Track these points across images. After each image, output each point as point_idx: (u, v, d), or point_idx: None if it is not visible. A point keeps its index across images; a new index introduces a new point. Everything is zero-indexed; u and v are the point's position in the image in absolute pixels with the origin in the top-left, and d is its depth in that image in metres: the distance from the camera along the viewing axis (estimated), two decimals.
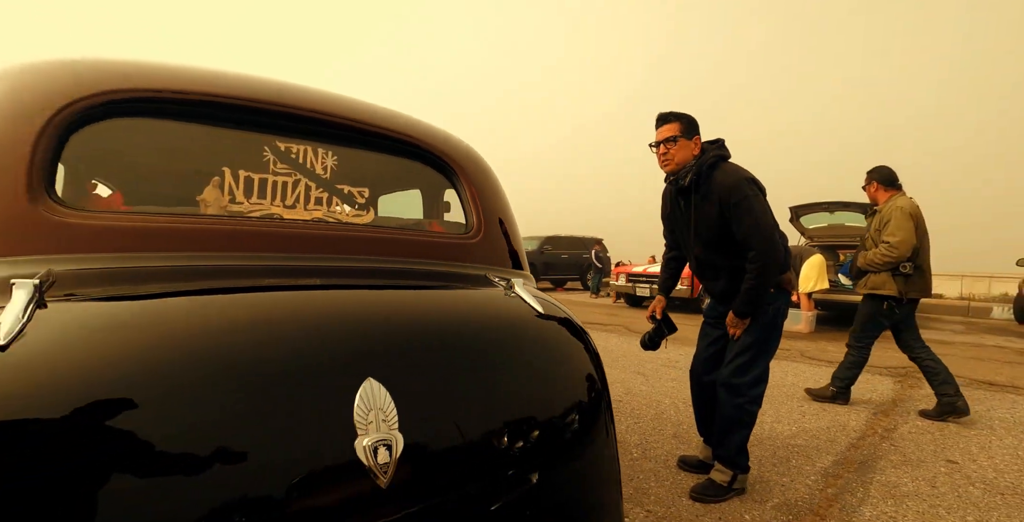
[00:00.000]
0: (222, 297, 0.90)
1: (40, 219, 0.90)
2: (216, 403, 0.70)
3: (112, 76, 1.04)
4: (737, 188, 2.29)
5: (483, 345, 1.03)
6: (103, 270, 0.89)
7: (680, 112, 2.46)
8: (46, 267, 0.82)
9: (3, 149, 0.91)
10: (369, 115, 1.33)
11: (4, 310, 0.70)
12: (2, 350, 0.64)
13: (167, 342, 0.74)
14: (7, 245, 0.87)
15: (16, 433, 0.59)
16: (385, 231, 1.28)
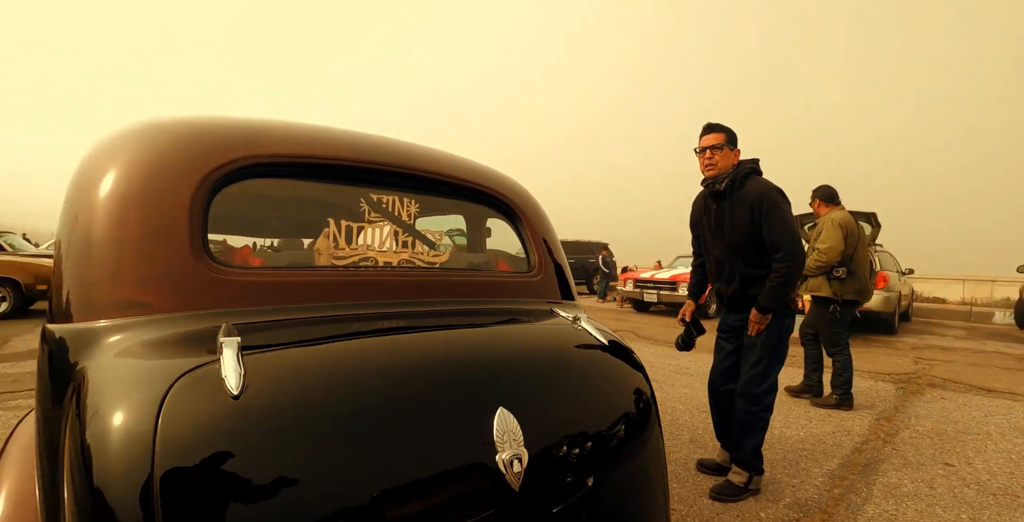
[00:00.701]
0: (373, 340, 1.11)
1: (204, 276, 1.08)
2: (395, 427, 0.92)
3: (246, 141, 1.23)
4: (770, 195, 2.57)
5: (567, 372, 1.25)
6: (269, 322, 1.07)
7: (722, 125, 2.76)
8: (219, 321, 0.98)
9: (166, 211, 1.08)
10: (447, 166, 1.58)
11: (223, 365, 0.81)
12: (236, 399, 0.78)
13: (349, 380, 0.96)
14: (183, 301, 1.04)
15: (270, 462, 0.78)
16: (470, 274, 1.52)
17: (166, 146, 1.15)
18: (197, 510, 0.70)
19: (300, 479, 0.77)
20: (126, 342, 0.91)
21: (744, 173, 2.67)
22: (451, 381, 1.04)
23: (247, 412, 0.78)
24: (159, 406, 0.73)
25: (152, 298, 1.00)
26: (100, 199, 1.07)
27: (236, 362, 0.80)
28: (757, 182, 2.63)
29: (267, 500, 0.75)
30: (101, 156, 1.17)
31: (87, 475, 0.72)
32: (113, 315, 0.97)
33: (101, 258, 1.01)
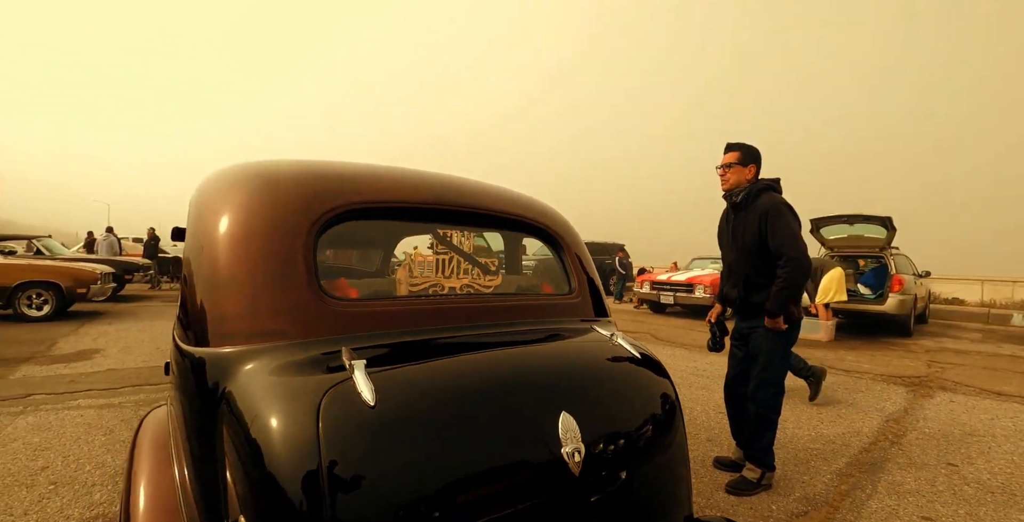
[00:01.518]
0: (464, 358, 1.33)
1: (321, 307, 1.31)
2: (489, 426, 1.17)
3: (347, 189, 1.48)
4: (776, 207, 2.84)
5: (609, 381, 1.49)
6: (378, 346, 1.29)
7: (743, 144, 3.05)
8: (337, 346, 1.21)
9: (288, 251, 1.32)
10: (500, 202, 1.84)
11: (356, 382, 1.02)
12: (373, 408, 1.00)
13: (452, 390, 1.19)
14: (308, 329, 1.27)
15: (403, 454, 1.03)
16: (522, 298, 1.77)
17: (282, 192, 1.40)
18: (353, 490, 0.95)
19: (425, 466, 1.03)
20: (272, 363, 1.15)
21: (760, 188, 2.93)
22: (525, 390, 1.29)
23: (382, 418, 1.02)
24: (317, 413, 0.98)
25: (283, 327, 1.24)
26: (227, 237, 1.32)
27: (366, 379, 1.04)
28: (770, 197, 2.88)
29: (403, 482, 1.00)
30: (224, 196, 1.43)
31: (260, 467, 0.96)
32: (252, 341, 1.21)
33: (236, 293, 1.26)
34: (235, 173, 1.54)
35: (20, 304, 8.46)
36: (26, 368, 5.26)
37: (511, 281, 1.96)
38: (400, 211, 1.59)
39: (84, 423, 3.70)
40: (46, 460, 3.02)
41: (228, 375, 1.16)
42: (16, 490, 2.65)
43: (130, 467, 1.47)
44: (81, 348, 6.34)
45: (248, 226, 1.33)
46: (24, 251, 13.64)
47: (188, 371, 1.31)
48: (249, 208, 1.36)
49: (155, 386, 4.72)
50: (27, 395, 4.33)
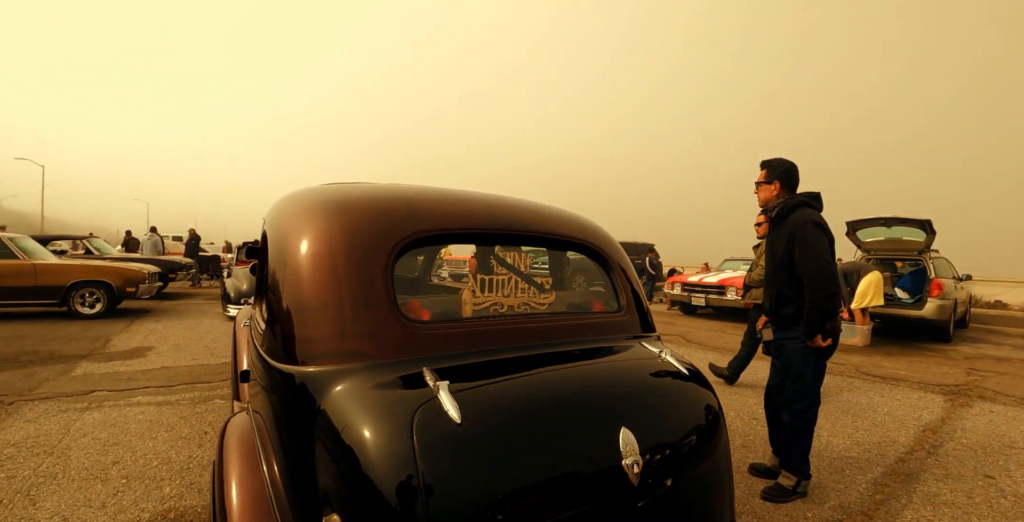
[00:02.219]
0: (533, 376, 1.45)
1: (400, 330, 1.43)
2: (560, 439, 1.29)
3: (420, 217, 1.62)
4: (803, 228, 2.89)
5: (660, 396, 1.61)
6: (455, 366, 1.40)
7: (771, 161, 3.15)
8: (417, 366, 1.33)
9: (370, 277, 1.45)
10: (554, 223, 1.97)
11: (442, 401, 1.14)
12: (459, 425, 1.12)
13: (526, 407, 1.32)
14: (390, 350, 1.39)
15: (488, 463, 1.16)
16: (575, 317, 1.89)
17: (361, 220, 1.54)
18: (445, 496, 1.08)
19: (504, 475, 1.16)
20: (362, 382, 1.29)
21: (794, 203, 2.99)
22: (588, 406, 1.41)
23: (467, 433, 1.15)
24: (411, 430, 1.11)
25: (368, 349, 1.38)
26: (311, 262, 1.46)
27: (451, 398, 1.17)
28: (802, 214, 2.94)
29: (486, 490, 1.13)
30: (305, 221, 1.57)
31: (358, 475, 1.10)
32: (340, 362, 1.35)
33: (324, 317, 1.40)
34: (314, 198, 1.67)
35: (74, 302, 8.86)
36: (86, 365, 5.55)
37: (562, 298, 2.07)
38: (464, 236, 1.72)
39: (146, 420, 3.92)
40: (116, 455, 3.23)
41: (321, 392, 1.29)
42: (92, 484, 2.85)
43: (221, 468, 1.61)
44: (134, 346, 6.64)
45: (331, 252, 1.46)
46: (71, 250, 14.21)
47: (279, 386, 1.45)
48: (330, 235, 1.49)
49: (207, 384, 4.95)
50: (90, 391, 4.58)
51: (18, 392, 4.49)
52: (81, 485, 2.83)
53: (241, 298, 9.21)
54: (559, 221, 1.99)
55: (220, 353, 6.36)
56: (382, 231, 1.53)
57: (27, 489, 2.76)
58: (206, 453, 3.32)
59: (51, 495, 2.71)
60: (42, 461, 3.11)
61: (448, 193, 1.84)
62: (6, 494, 2.70)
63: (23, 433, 3.55)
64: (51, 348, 6.33)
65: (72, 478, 2.91)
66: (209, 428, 3.78)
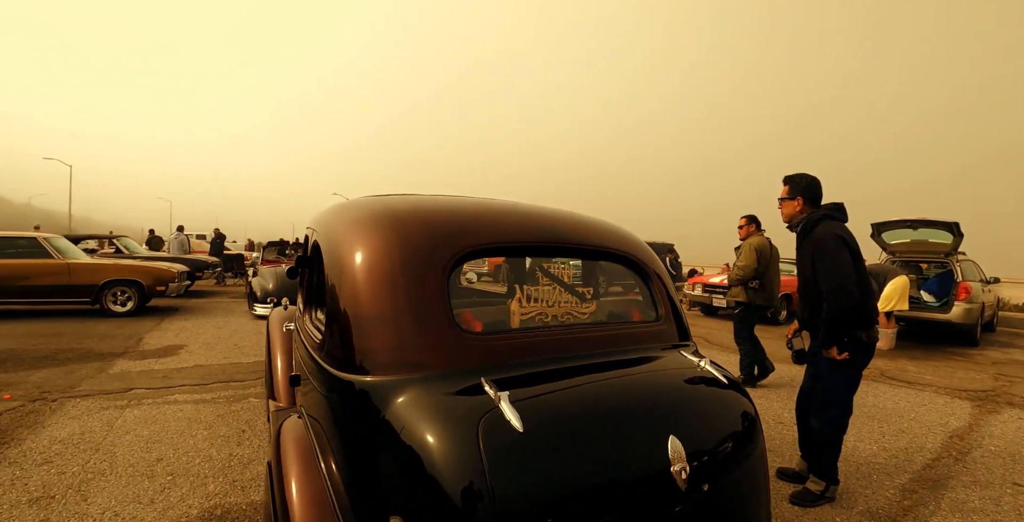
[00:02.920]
0: (584, 387, 1.51)
1: (457, 341, 1.50)
2: (614, 446, 1.35)
3: (472, 232, 1.69)
4: (824, 242, 2.93)
5: (703, 404, 1.67)
6: (512, 377, 1.46)
7: (793, 176, 3.20)
8: (476, 376, 1.39)
9: (428, 290, 1.51)
10: (596, 235, 2.04)
11: (504, 411, 1.21)
12: (522, 434, 1.18)
13: (582, 416, 1.38)
14: (448, 361, 1.46)
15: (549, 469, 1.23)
16: (616, 327, 1.95)
17: (416, 234, 1.62)
18: (511, 500, 1.15)
19: (562, 480, 1.23)
20: (425, 392, 1.36)
21: (817, 218, 3.06)
22: (637, 414, 1.48)
23: (529, 441, 1.22)
24: (477, 438, 1.19)
25: (428, 360, 1.45)
26: (370, 275, 1.53)
27: (511, 408, 1.24)
28: (825, 227, 2.99)
29: (547, 494, 1.20)
30: (360, 234, 1.65)
31: (426, 480, 1.17)
32: (401, 372, 1.42)
33: (385, 329, 1.48)
34: (366, 212, 1.76)
35: (106, 300, 9.08)
36: (122, 363, 5.71)
37: (602, 307, 2.13)
38: (513, 249, 1.79)
39: (184, 417, 4.05)
40: (159, 452, 3.36)
41: (384, 401, 1.37)
42: (139, 480, 2.97)
43: (279, 470, 1.69)
44: (166, 344, 6.80)
45: (389, 267, 1.54)
46: (100, 249, 14.53)
47: (340, 394, 1.53)
48: (387, 249, 1.57)
49: (240, 383, 5.08)
50: (128, 389, 4.73)
51: (60, 389, 4.65)
52: (129, 481, 2.95)
53: (268, 297, 9.35)
54: (599, 232, 2.06)
55: (250, 352, 6.50)
56: (436, 245, 1.60)
57: (78, 485, 2.89)
58: (245, 451, 3.43)
59: (101, 491, 2.83)
60: (89, 457, 3.24)
61: (494, 206, 1.91)
62: (59, 490, 2.83)
63: (68, 430, 3.69)
64: (87, 346, 6.52)
65: (120, 474, 3.03)
66: (246, 427, 3.89)
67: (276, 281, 9.86)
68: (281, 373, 3.36)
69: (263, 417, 4.10)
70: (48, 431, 3.66)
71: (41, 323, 8.12)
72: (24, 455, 3.24)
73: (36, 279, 8.59)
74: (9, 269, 8.47)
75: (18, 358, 5.75)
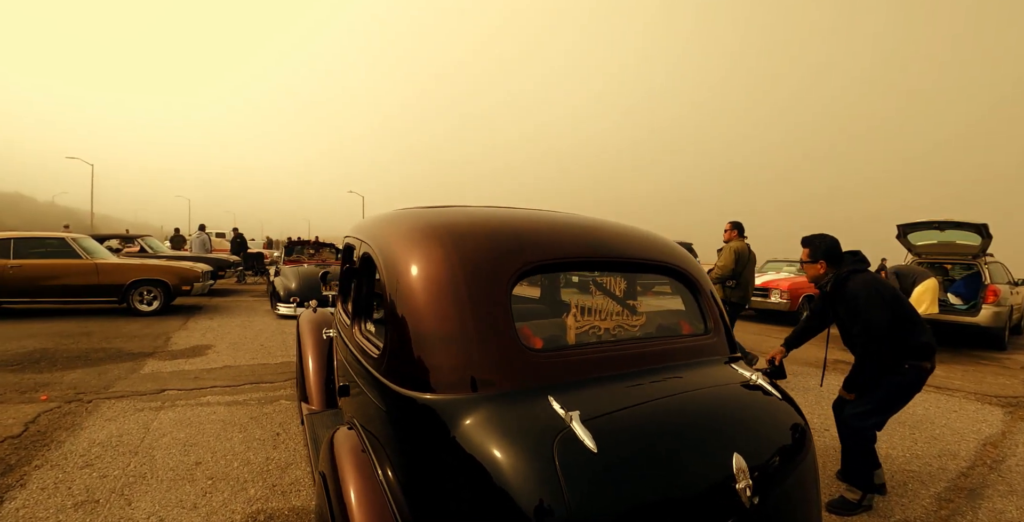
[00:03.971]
0: (649, 405, 1.51)
1: (522, 358, 1.50)
2: (680, 466, 1.37)
3: (532, 247, 1.71)
4: (855, 298, 3.04)
5: (762, 420, 1.68)
6: (576, 395, 1.46)
7: (813, 239, 3.28)
8: (543, 394, 1.40)
9: (493, 306, 1.51)
10: (647, 248, 2.05)
11: (576, 431, 1.22)
12: (596, 454, 1.19)
13: (650, 434, 1.40)
14: (516, 379, 1.46)
15: (624, 484, 1.26)
16: (671, 341, 1.95)
17: (477, 250, 1.63)
18: (588, 516, 1.17)
19: (636, 498, 1.25)
20: (495, 412, 1.37)
21: (844, 275, 3.13)
22: (701, 430, 1.50)
23: (603, 461, 1.24)
24: (553, 459, 1.20)
25: (494, 378, 1.46)
26: (433, 292, 1.54)
27: (583, 428, 1.25)
28: (854, 282, 3.07)
29: (623, 510, 1.22)
30: (420, 250, 1.65)
31: (502, 499, 1.19)
32: (467, 391, 1.43)
33: (450, 347, 1.49)
34: (423, 225, 1.77)
35: (133, 300, 9.22)
36: (152, 363, 5.80)
37: (651, 319, 2.13)
38: (571, 265, 1.81)
39: (219, 420, 4.10)
40: (197, 456, 3.41)
41: (452, 420, 1.38)
42: (181, 484, 3.02)
43: (337, 482, 1.69)
44: (194, 344, 6.89)
45: (453, 283, 1.55)
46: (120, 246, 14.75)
47: (402, 410, 1.55)
48: (450, 265, 1.58)
49: (270, 384, 5.14)
50: (161, 390, 4.80)
51: (95, 390, 4.73)
52: (171, 485, 3.00)
53: (291, 297, 9.43)
54: (651, 245, 2.08)
55: (276, 352, 6.57)
56: (499, 261, 1.61)
57: (120, 489, 2.94)
58: (282, 455, 3.47)
59: (144, 495, 2.88)
60: (129, 461, 3.30)
61: (550, 220, 1.93)
62: (102, 493, 2.88)
63: (106, 432, 3.76)
64: (117, 346, 6.62)
65: (160, 478, 3.08)
66: (280, 429, 3.94)
67: (299, 280, 9.93)
68: (315, 377, 3.40)
69: (296, 420, 4.15)
70: (86, 433, 3.73)
71: (71, 322, 8.26)
72: (65, 457, 3.31)
73: (66, 279, 8.75)
74: (40, 269, 8.63)
75: (51, 358, 5.86)
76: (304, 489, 3.00)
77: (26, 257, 8.62)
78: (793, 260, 13.14)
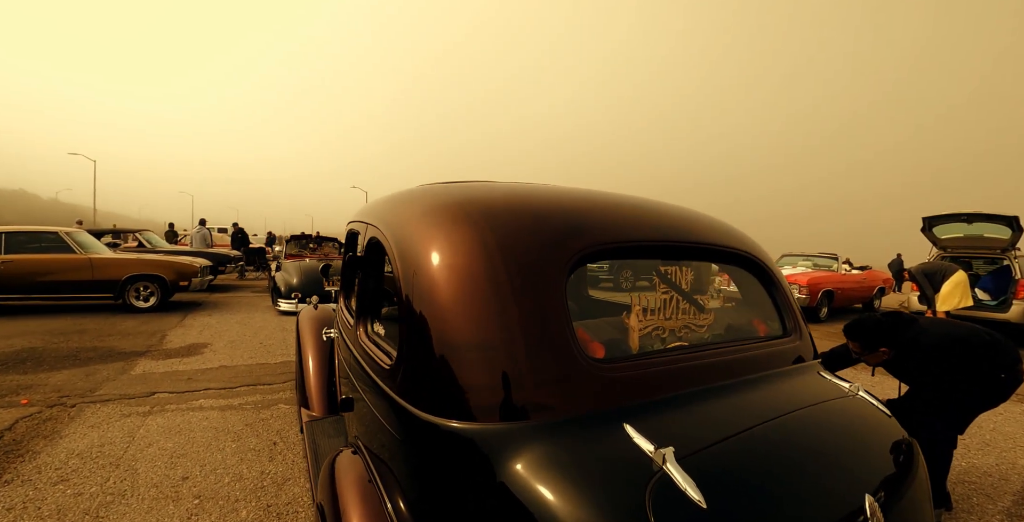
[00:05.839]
0: (753, 434, 1.17)
1: (586, 373, 1.12)
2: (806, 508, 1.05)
3: (591, 229, 1.33)
4: (917, 361, 2.72)
5: (880, 445, 1.36)
6: (660, 422, 1.11)
7: (859, 332, 2.78)
8: (617, 421, 1.04)
9: (544, 305, 1.13)
10: (717, 234, 1.69)
11: (675, 477, 0.89)
12: (704, 510, 0.87)
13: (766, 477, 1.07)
14: (580, 401, 1.09)
15: None
16: (750, 346, 1.60)
17: (520, 232, 1.23)
18: None
19: None
20: (560, 447, 1.02)
21: (912, 339, 2.74)
22: (820, 465, 1.18)
23: (715, 516, 0.90)
24: (646, 509, 0.86)
25: (554, 401, 1.09)
26: (465, 288, 1.15)
27: (681, 471, 0.90)
28: (925, 340, 2.73)
29: None
30: (444, 232, 1.25)
31: None
32: (519, 418, 1.06)
33: (489, 360, 1.10)
34: (450, 201, 1.37)
35: (129, 296, 8.89)
36: (144, 363, 5.46)
37: (720, 319, 1.77)
38: (635, 250, 1.44)
39: (211, 427, 3.76)
40: (185, 469, 3.06)
41: (498, 458, 1.02)
42: (164, 504, 2.67)
43: (335, 515, 1.34)
44: (190, 342, 6.56)
45: (492, 276, 1.16)
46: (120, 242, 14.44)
47: (425, 440, 1.17)
48: (486, 252, 1.19)
49: (268, 386, 4.80)
50: (151, 393, 4.47)
51: (80, 393, 4.40)
52: (152, 505, 2.65)
53: (292, 292, 9.13)
54: (719, 231, 1.72)
55: (276, 351, 6.24)
56: (549, 245, 1.23)
57: (96, 509, 2.59)
58: (278, 468, 3.12)
59: (121, 517, 2.53)
60: (109, 475, 2.96)
61: (603, 197, 1.55)
62: (74, 515, 2.54)
63: (87, 441, 3.42)
64: (109, 344, 6.29)
65: (142, 496, 2.73)
66: (278, 438, 3.59)
67: (301, 276, 9.64)
68: (315, 381, 3.07)
69: (295, 427, 3.81)
70: (65, 442, 3.39)
71: (66, 319, 7.93)
72: (39, 471, 2.97)
73: (59, 274, 8.41)
74: (32, 264, 8.29)
75: (39, 358, 5.52)
76: (303, 510, 2.65)
77: (17, 252, 8.29)
78: (808, 254, 12.76)
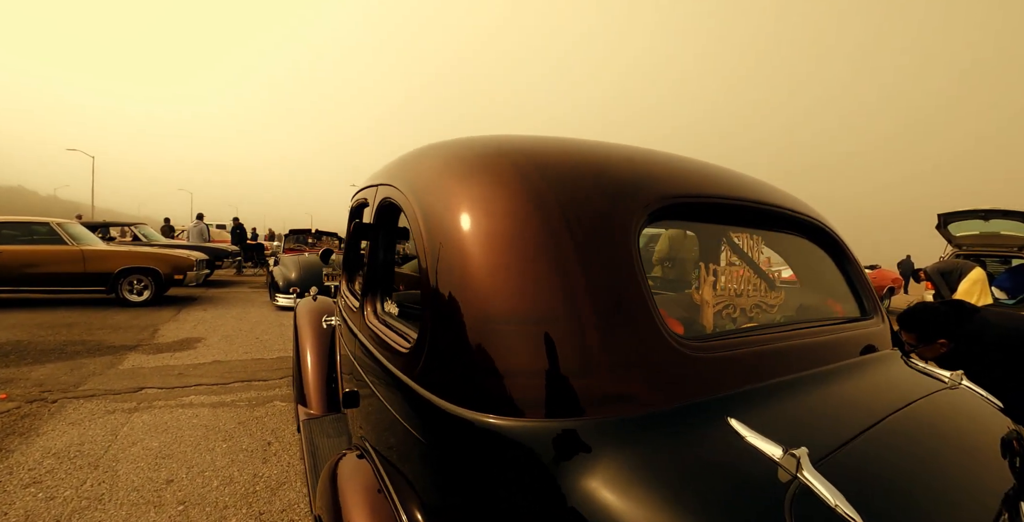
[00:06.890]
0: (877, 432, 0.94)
1: (674, 352, 0.88)
2: None
3: (665, 180, 1.08)
4: (1001, 344, 2.39)
5: (998, 443, 1.13)
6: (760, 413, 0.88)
7: (912, 321, 2.54)
8: (717, 415, 0.81)
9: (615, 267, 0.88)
10: (790, 199, 1.44)
11: (819, 490, 0.67)
12: None
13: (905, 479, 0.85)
14: (670, 390, 0.85)
15: None
16: (840, 329, 1.35)
17: (581, 183, 0.97)
18: None
19: None
20: (646, 448, 0.76)
21: (975, 331, 2.46)
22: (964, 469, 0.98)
23: None
24: None
25: (636, 389, 0.83)
26: (516, 251, 0.88)
27: (825, 482, 0.65)
28: (993, 331, 2.45)
29: None
30: (489, 187, 0.98)
31: None
32: (587, 412, 0.80)
33: (551, 336, 0.82)
34: (486, 151, 1.08)
35: (122, 289, 8.62)
36: (134, 357, 5.19)
37: (792, 297, 1.51)
38: (716, 207, 1.18)
39: (201, 425, 3.48)
40: (170, 471, 2.79)
41: (561, 466, 0.75)
42: (145, 510, 2.39)
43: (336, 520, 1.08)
44: (183, 336, 6.29)
45: (551, 234, 0.88)
46: (116, 235, 14.18)
47: (456, 443, 0.90)
48: (543, 206, 0.91)
49: (264, 382, 4.52)
50: (139, 389, 4.19)
51: (63, 388, 4.12)
52: (131, 512, 2.37)
53: (290, 287, 8.90)
54: (791, 198, 1.47)
55: (272, 346, 5.97)
56: (617, 197, 0.97)
57: (68, 516, 2.32)
58: (272, 471, 2.85)
59: None
60: (86, 477, 2.68)
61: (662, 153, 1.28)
62: None
63: (66, 439, 3.15)
64: (99, 338, 6.02)
65: (120, 502, 2.46)
66: (272, 437, 3.32)
67: (299, 270, 9.41)
68: (314, 376, 2.81)
69: (291, 425, 3.53)
70: (42, 440, 3.11)
71: (56, 313, 7.64)
72: (10, 472, 2.70)
73: (50, 266, 8.14)
74: (22, 256, 8.01)
75: (23, 351, 5.25)
76: (299, 518, 2.38)
77: (7, 243, 8.01)
78: None
